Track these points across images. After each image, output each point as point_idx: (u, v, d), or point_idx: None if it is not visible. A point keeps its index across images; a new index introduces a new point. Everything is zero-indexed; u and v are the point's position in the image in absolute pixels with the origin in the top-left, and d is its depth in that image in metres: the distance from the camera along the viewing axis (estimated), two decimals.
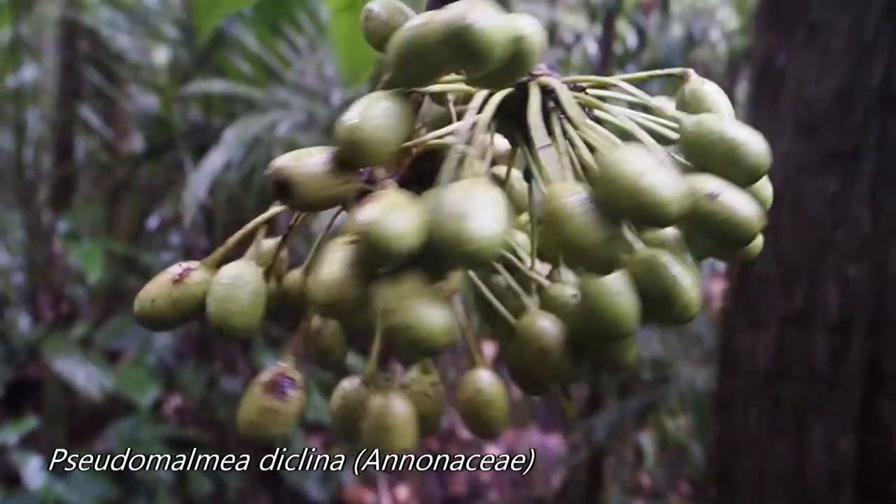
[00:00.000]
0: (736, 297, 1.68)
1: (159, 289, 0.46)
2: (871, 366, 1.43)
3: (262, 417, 0.45)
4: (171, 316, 0.47)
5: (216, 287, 0.46)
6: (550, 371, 0.42)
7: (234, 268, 0.47)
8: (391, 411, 0.44)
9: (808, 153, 1.49)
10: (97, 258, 2.14)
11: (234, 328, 0.45)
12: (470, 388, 0.46)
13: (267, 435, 0.46)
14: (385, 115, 0.41)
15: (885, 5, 1.40)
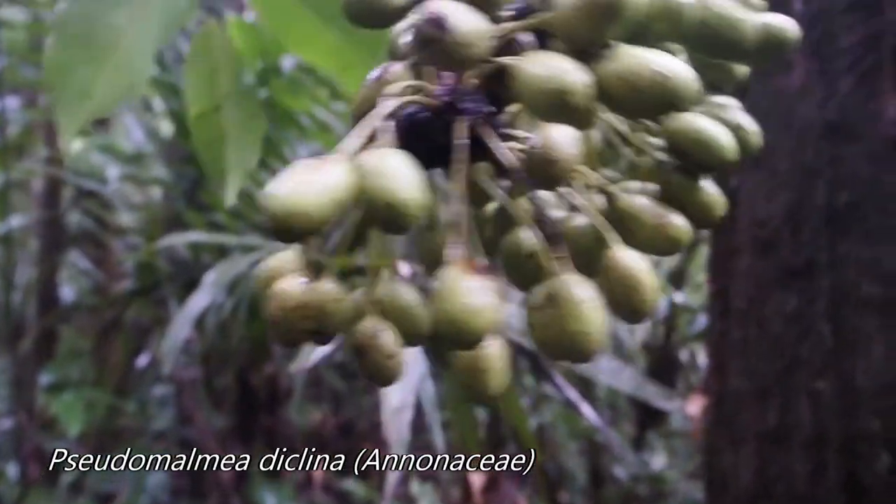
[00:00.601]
0: (715, 415, 1.68)
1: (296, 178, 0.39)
2: (849, 481, 1.42)
3: (475, 298, 0.40)
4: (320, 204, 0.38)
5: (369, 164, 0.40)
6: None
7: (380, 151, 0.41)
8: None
9: (766, 271, 1.52)
10: (77, 411, 2.14)
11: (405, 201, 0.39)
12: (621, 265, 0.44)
13: (484, 320, 0.40)
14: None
15: (825, 127, 1.45)
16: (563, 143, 0.43)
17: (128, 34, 0.68)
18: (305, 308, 0.44)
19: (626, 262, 0.44)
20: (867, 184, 1.41)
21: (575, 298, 0.42)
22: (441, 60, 0.42)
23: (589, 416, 1.79)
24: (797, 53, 1.48)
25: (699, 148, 0.45)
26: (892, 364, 1.38)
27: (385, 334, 0.45)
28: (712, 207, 0.47)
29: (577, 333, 0.41)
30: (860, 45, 1.41)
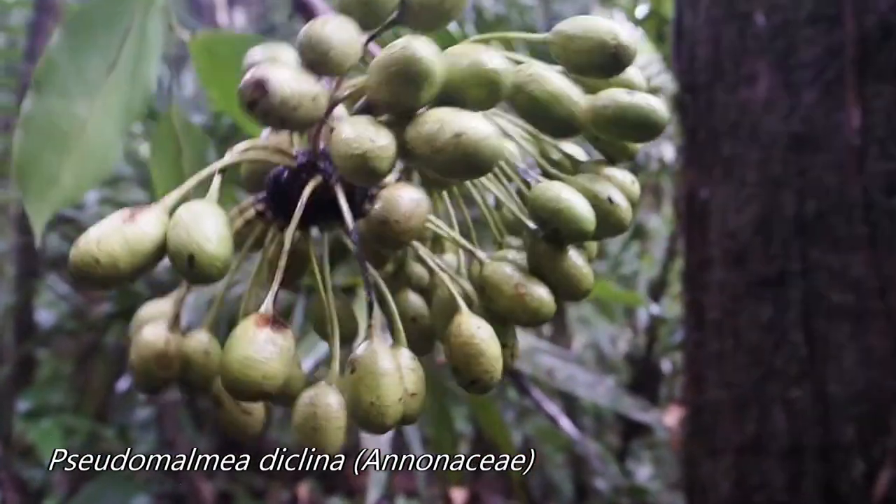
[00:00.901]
0: (693, 426, 1.69)
1: (105, 230, 0.41)
2: (826, 489, 1.43)
3: (258, 352, 0.41)
4: (121, 259, 0.41)
5: (180, 217, 0.42)
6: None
7: (196, 203, 0.43)
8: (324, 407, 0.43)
9: (739, 282, 1.53)
10: (55, 438, 2.12)
11: (208, 256, 0.40)
12: (463, 333, 0.44)
13: (262, 372, 0.40)
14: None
15: (791, 139, 1.47)
16: (401, 202, 0.43)
17: (91, 124, 0.71)
18: (165, 358, 0.45)
19: (468, 329, 0.45)
20: (834, 193, 1.43)
21: (373, 368, 0.42)
22: (267, 121, 0.43)
23: (567, 429, 1.79)
24: (762, 66, 1.50)
25: (556, 217, 0.45)
26: (865, 371, 1.40)
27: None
28: (578, 281, 0.47)
29: (371, 405, 0.42)
30: (822, 57, 1.44)
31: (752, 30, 1.51)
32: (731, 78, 1.56)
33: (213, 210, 0.42)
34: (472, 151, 0.41)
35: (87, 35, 0.73)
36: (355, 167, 0.42)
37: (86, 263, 0.40)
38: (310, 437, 0.43)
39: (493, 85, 0.44)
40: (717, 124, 1.58)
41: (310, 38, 0.43)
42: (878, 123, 1.39)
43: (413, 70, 0.41)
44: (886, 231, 1.39)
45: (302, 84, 0.42)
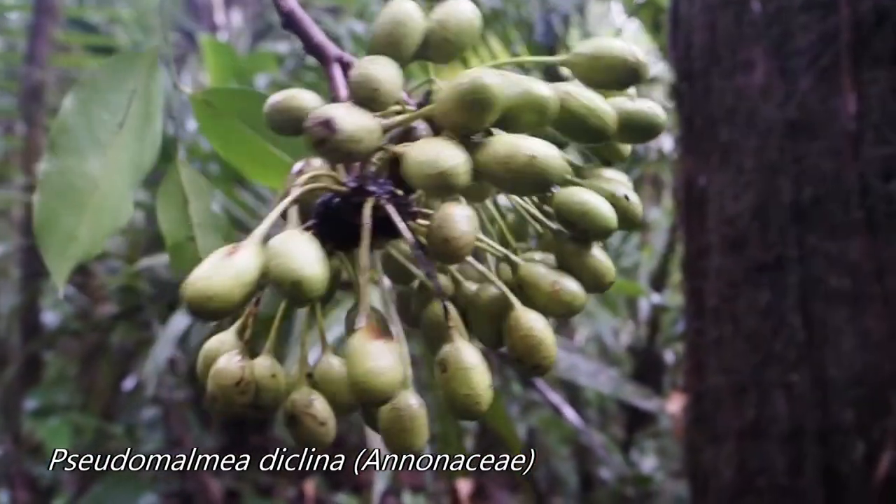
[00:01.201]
0: (694, 413, 1.70)
1: (210, 265, 0.45)
2: (827, 472, 1.44)
3: (378, 361, 0.44)
4: (233, 293, 0.45)
5: (277, 246, 0.45)
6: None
7: (286, 234, 0.47)
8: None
9: (737, 268, 1.54)
10: (63, 435, 2.14)
11: (309, 279, 0.44)
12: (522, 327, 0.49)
13: (387, 381, 0.44)
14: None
15: (787, 125, 1.48)
16: (458, 220, 0.47)
17: (103, 181, 0.75)
18: (243, 385, 0.48)
19: (527, 323, 0.49)
20: (830, 179, 1.44)
21: (462, 364, 0.47)
22: (335, 156, 0.47)
23: (571, 419, 1.81)
24: (758, 52, 1.51)
25: (584, 218, 0.50)
26: (863, 354, 1.41)
27: (318, 402, 0.50)
28: (603, 274, 0.52)
29: (466, 396, 0.47)
30: (818, 43, 1.44)
31: (748, 17, 1.52)
32: (728, 65, 1.56)
33: (305, 238, 0.46)
34: (544, 170, 0.47)
35: (96, 97, 0.78)
36: (436, 184, 0.46)
37: (201, 301, 0.44)
38: (399, 438, 0.47)
39: (543, 109, 0.49)
40: (713, 111, 1.59)
41: (361, 76, 0.48)
42: (873, 108, 1.40)
43: (482, 97, 0.47)
44: (883, 215, 1.40)
45: (362, 119, 0.47)
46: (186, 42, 3.61)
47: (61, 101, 0.77)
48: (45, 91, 2.77)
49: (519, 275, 0.52)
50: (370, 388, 0.44)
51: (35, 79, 2.63)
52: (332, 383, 0.51)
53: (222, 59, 2.54)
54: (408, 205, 0.51)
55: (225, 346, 0.50)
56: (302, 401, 0.49)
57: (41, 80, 2.69)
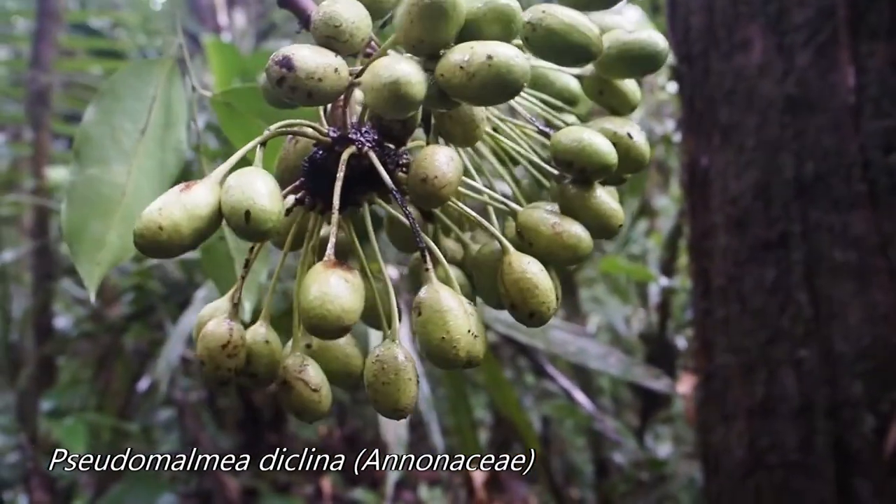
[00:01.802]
0: (704, 393, 1.70)
1: (165, 199, 0.45)
2: (837, 446, 1.44)
3: (332, 287, 0.43)
4: (182, 224, 0.44)
5: (231, 181, 0.45)
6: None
7: (244, 170, 0.46)
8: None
9: (742, 247, 1.54)
10: (80, 434, 2.16)
11: (262, 210, 0.43)
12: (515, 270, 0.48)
13: (339, 309, 0.43)
14: None
15: (787, 102, 1.48)
16: (437, 160, 0.47)
17: (129, 188, 0.77)
18: (231, 348, 0.47)
19: (520, 266, 0.48)
20: (831, 153, 1.44)
21: (438, 306, 0.46)
22: (296, 95, 0.46)
23: (583, 403, 1.81)
24: (755, 31, 1.51)
25: (581, 155, 0.49)
26: (870, 328, 1.41)
27: (311, 368, 0.49)
28: (608, 215, 0.50)
29: (442, 339, 0.45)
30: (815, 19, 1.44)
31: None
32: (725, 45, 1.57)
33: (261, 173, 0.45)
34: (505, 70, 0.45)
35: (116, 105, 0.79)
36: (389, 95, 0.45)
37: (150, 230, 0.43)
38: (382, 392, 0.46)
39: (508, 19, 0.48)
40: (713, 92, 1.59)
41: (321, 15, 0.47)
42: (872, 82, 1.40)
43: (441, 2, 0.45)
44: (885, 188, 1.40)
45: (323, 57, 0.46)
46: (191, 43, 3.62)
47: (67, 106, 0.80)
48: (51, 95, 2.79)
49: (518, 221, 0.51)
50: (320, 314, 0.43)
51: (41, 83, 2.65)
52: (330, 351, 0.51)
53: (226, 60, 2.55)
54: (396, 154, 0.51)
55: (219, 312, 0.50)
56: (294, 366, 0.48)
57: (47, 84, 2.71)
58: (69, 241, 0.75)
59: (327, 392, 0.49)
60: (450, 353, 0.45)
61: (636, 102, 0.56)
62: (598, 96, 0.56)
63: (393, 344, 0.47)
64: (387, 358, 0.46)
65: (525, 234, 0.50)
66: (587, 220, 0.50)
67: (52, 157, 2.85)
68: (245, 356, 0.48)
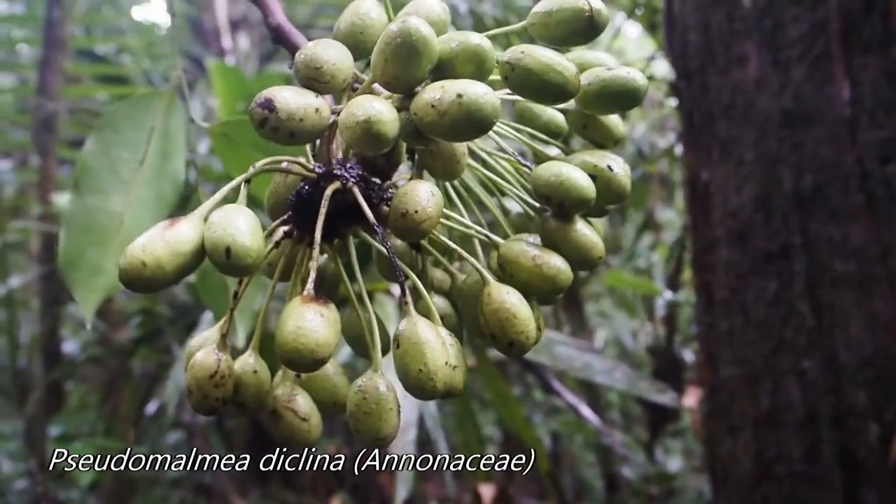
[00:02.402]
0: (710, 406, 1.71)
1: (149, 236, 0.45)
2: (843, 455, 1.45)
3: (308, 322, 0.44)
4: (165, 261, 0.45)
5: (214, 217, 0.46)
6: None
7: (227, 207, 0.47)
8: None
9: (744, 259, 1.56)
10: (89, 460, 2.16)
11: (242, 247, 0.44)
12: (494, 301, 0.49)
13: (313, 343, 0.44)
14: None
15: (784, 116, 1.50)
16: (417, 195, 0.48)
17: (126, 217, 0.79)
18: (218, 378, 0.48)
19: (499, 296, 0.49)
20: (829, 165, 1.45)
21: (416, 339, 0.46)
22: (278, 136, 0.47)
23: (589, 419, 1.82)
24: (751, 46, 1.53)
25: (559, 190, 0.50)
26: (872, 337, 1.42)
27: (300, 398, 0.50)
28: (588, 248, 0.51)
29: (419, 372, 0.46)
30: (809, 34, 1.46)
31: (739, 12, 1.54)
32: (722, 61, 1.58)
33: (243, 210, 0.47)
34: (475, 108, 0.46)
35: (115, 136, 0.81)
36: (362, 133, 0.46)
37: (134, 267, 0.45)
38: (364, 422, 0.47)
39: (480, 59, 0.49)
40: (711, 107, 1.60)
41: (303, 58, 0.49)
42: (866, 94, 1.41)
43: (412, 40, 0.47)
44: (883, 198, 1.41)
45: (304, 98, 0.48)
46: (195, 67, 3.66)
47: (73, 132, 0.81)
48: (57, 122, 2.81)
49: (500, 253, 0.52)
50: (294, 348, 0.44)
51: (47, 110, 2.68)
52: (318, 380, 0.52)
53: (231, 83, 2.58)
54: (380, 189, 0.52)
55: (208, 342, 0.50)
56: (284, 396, 0.50)
57: (53, 111, 2.74)
58: (66, 268, 0.77)
59: (317, 421, 0.50)
60: (427, 385, 0.46)
61: (620, 136, 0.56)
62: (581, 130, 0.56)
63: (375, 374, 0.48)
64: (368, 388, 0.47)
65: (506, 266, 0.51)
66: (567, 252, 0.51)
67: (58, 183, 2.88)
68: (233, 386, 0.49)
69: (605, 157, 0.53)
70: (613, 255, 3.64)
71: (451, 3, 2.76)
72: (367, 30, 0.53)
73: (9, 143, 3.58)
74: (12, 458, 2.78)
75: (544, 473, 2.04)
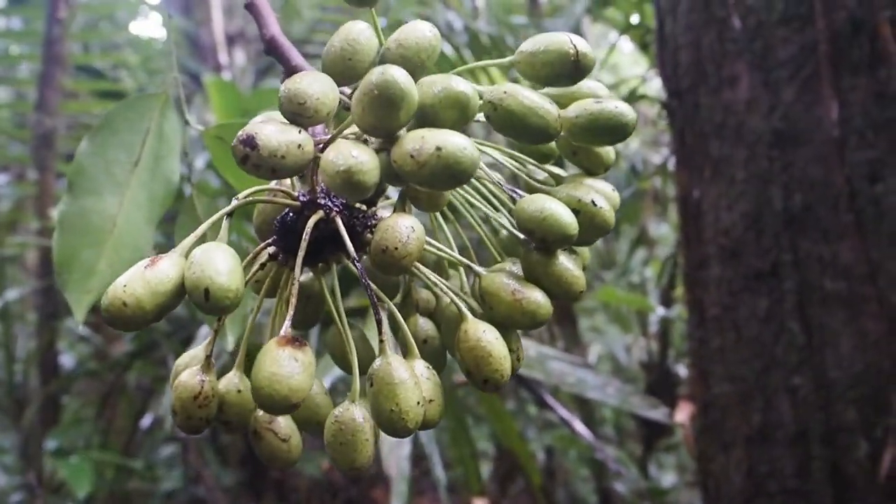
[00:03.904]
0: (702, 422, 1.72)
1: (130, 275, 0.46)
2: (833, 472, 1.46)
3: (282, 367, 0.44)
4: (145, 300, 0.45)
5: (193, 257, 0.46)
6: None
7: (208, 245, 0.47)
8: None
9: (735, 277, 1.57)
10: (85, 472, 2.17)
11: (220, 288, 0.45)
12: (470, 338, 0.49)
13: (286, 389, 0.44)
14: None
15: (774, 136, 1.52)
16: (398, 230, 0.48)
17: (121, 218, 0.79)
18: (202, 399, 0.49)
19: (475, 334, 0.49)
20: (819, 185, 1.47)
21: (389, 379, 0.47)
22: (260, 173, 0.48)
23: (582, 433, 1.83)
24: (742, 67, 1.55)
25: (542, 225, 0.50)
26: (862, 355, 1.44)
27: (280, 419, 0.50)
28: (569, 283, 0.51)
29: (391, 412, 0.47)
30: (798, 55, 1.48)
31: (730, 33, 1.56)
32: (714, 81, 1.61)
33: (223, 249, 0.47)
34: (454, 162, 0.46)
35: (111, 138, 0.81)
36: (343, 182, 0.47)
37: (115, 307, 0.46)
38: (340, 452, 0.47)
39: (463, 105, 0.49)
40: (703, 126, 1.62)
41: (287, 92, 0.49)
42: (855, 115, 1.44)
43: (390, 92, 0.47)
44: (872, 217, 1.43)
45: (286, 135, 0.48)
46: (192, 82, 3.67)
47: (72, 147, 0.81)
48: (56, 138, 2.83)
49: (481, 285, 0.52)
50: (270, 394, 0.45)
51: (46, 126, 2.70)
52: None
53: (227, 98, 2.59)
54: (365, 216, 0.52)
55: (194, 361, 0.51)
56: (265, 416, 0.50)
57: (52, 127, 2.75)
58: (59, 269, 0.76)
59: (297, 442, 0.51)
60: (399, 425, 0.47)
61: (609, 162, 0.56)
62: (571, 156, 0.56)
63: (352, 405, 0.48)
64: (345, 419, 0.48)
65: (486, 299, 0.51)
66: (549, 285, 0.51)
67: (56, 197, 2.89)
68: (216, 405, 0.50)
69: (590, 192, 0.53)
70: (607, 270, 3.66)
71: (446, 20, 2.78)
72: (355, 55, 0.52)
73: (6, 158, 3.59)
74: (8, 472, 2.78)
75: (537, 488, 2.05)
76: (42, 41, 2.85)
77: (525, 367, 1.69)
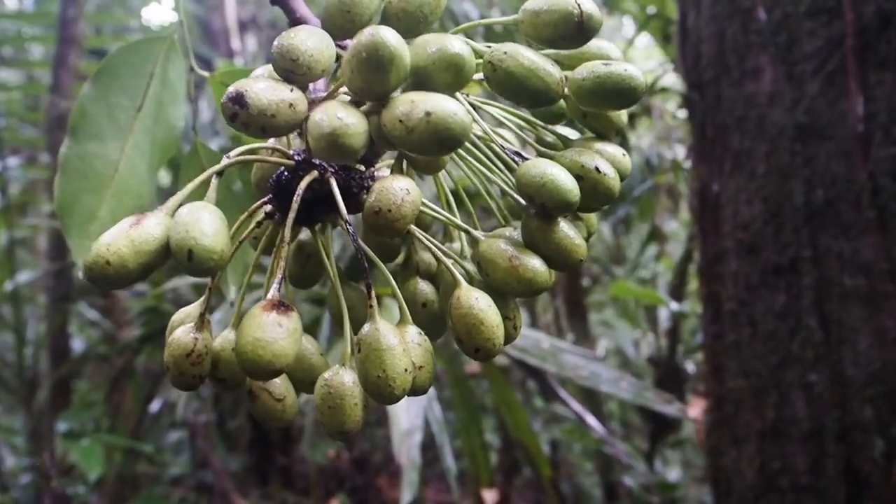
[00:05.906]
0: (715, 417, 1.71)
1: (115, 234, 0.45)
2: (848, 470, 1.45)
3: (266, 332, 0.44)
4: (128, 259, 0.44)
5: (179, 216, 0.45)
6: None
7: (194, 204, 0.46)
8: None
9: (753, 271, 1.56)
10: (97, 455, 2.17)
11: (205, 249, 0.44)
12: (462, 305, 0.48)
13: (269, 354, 0.44)
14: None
15: (796, 129, 1.50)
16: (391, 192, 0.47)
17: (123, 163, 0.78)
18: (194, 357, 0.48)
19: (467, 301, 0.48)
20: (841, 180, 1.46)
21: (377, 345, 0.46)
22: (250, 131, 0.46)
23: (594, 427, 1.82)
24: (765, 60, 1.54)
25: (542, 191, 0.48)
26: (879, 353, 1.42)
27: (276, 378, 0.49)
28: (569, 250, 0.50)
29: (378, 378, 0.46)
30: (824, 49, 1.47)
31: (755, 25, 1.55)
32: (736, 73, 1.59)
33: (209, 209, 0.46)
34: (443, 128, 0.45)
35: (114, 82, 0.79)
36: (327, 145, 0.45)
37: (98, 265, 0.45)
38: (328, 416, 0.47)
39: (458, 68, 0.47)
40: (724, 119, 1.61)
41: (279, 48, 0.47)
42: (880, 110, 1.42)
43: (379, 55, 0.45)
44: (894, 214, 1.41)
45: (277, 93, 0.46)
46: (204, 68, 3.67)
47: None
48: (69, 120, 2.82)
49: (478, 250, 0.51)
50: (253, 359, 0.44)
51: (60, 108, 2.69)
52: (296, 361, 0.51)
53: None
54: (362, 176, 0.51)
55: (189, 318, 0.51)
56: None
57: (66, 109, 2.75)
58: (60, 213, 0.75)
59: (292, 401, 0.50)
60: (385, 391, 0.46)
61: (621, 125, 0.55)
62: (581, 118, 0.55)
63: (343, 369, 0.48)
64: (334, 383, 0.47)
65: (483, 265, 0.51)
66: (548, 252, 0.50)
67: None
68: (209, 363, 0.49)
69: (595, 157, 0.51)
70: (618, 265, 3.64)
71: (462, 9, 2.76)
72: (354, 7, 0.50)
73: (18, 140, 3.59)
74: (17, 453, 2.79)
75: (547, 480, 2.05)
76: (56, 22, 2.84)
77: (538, 360, 1.68)
